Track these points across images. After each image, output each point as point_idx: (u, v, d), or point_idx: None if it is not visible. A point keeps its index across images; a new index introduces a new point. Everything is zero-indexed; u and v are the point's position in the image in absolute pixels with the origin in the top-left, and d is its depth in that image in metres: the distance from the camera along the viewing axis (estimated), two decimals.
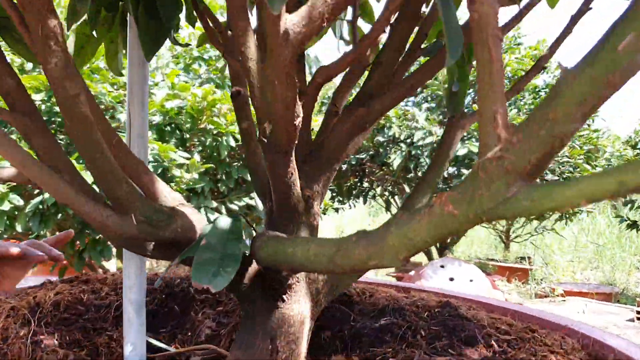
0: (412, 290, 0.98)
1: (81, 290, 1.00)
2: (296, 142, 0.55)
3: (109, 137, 0.56)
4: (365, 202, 4.29)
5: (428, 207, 0.37)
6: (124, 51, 0.83)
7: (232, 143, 2.47)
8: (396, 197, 4.08)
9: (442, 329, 0.74)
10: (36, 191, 2.22)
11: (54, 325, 0.87)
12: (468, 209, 0.34)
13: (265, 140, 0.55)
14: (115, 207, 0.56)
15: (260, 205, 2.66)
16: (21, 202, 2.27)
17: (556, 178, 3.54)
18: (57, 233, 1.25)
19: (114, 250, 2.49)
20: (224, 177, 2.59)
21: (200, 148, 2.52)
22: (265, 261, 0.56)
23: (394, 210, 4.31)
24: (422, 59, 1.08)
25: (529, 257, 5.10)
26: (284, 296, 0.64)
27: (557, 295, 3.47)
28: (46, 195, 2.16)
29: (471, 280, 3.20)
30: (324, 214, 3.23)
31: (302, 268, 0.51)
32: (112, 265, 3.54)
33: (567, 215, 4.67)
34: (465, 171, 3.42)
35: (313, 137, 0.72)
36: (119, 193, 0.55)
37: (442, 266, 3.30)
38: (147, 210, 0.57)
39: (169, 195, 0.63)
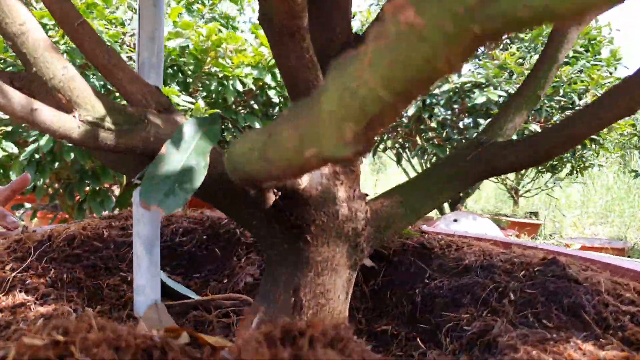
0: (515, 246, 0.80)
1: (108, 226, 0.87)
2: (304, 16, 0.41)
3: (68, 18, 0.44)
4: (374, 155, 4.13)
5: (376, 23, 0.20)
6: None
7: (239, 87, 2.31)
8: (407, 150, 3.93)
9: (540, 292, 0.58)
10: (31, 138, 2.09)
11: (59, 262, 0.75)
12: (441, 10, 0.17)
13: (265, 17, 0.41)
14: (58, 102, 0.43)
15: None
16: (15, 150, 2.14)
17: None
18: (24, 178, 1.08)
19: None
20: (230, 125, 2.44)
21: (204, 93, 2.36)
22: (228, 172, 0.41)
23: (405, 164, 4.16)
24: None
25: (537, 213, 5.01)
26: (308, 236, 0.49)
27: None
28: (42, 142, 2.02)
29: (485, 234, 3.10)
30: None
31: (242, 172, 0.35)
32: None
33: (578, 170, 4.54)
34: (482, 121, 3.25)
35: None
36: (54, 82, 0.42)
37: (455, 220, 3.19)
38: (100, 109, 0.44)
39: (150, 98, 0.50)
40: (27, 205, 2.51)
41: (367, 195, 0.57)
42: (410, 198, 0.58)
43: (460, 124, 3.40)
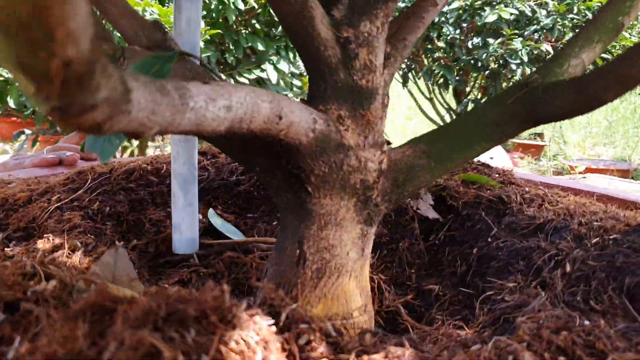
0: (614, 204, 0.70)
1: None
2: None
3: None
4: None
5: None
6: None
7: (241, 6, 2.18)
8: (413, 71, 3.81)
9: (603, 267, 0.49)
10: None
11: (110, 194, 0.75)
12: None
13: None
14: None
15: (274, 78, 2.43)
16: (11, 75, 2.06)
17: None
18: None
19: None
20: (231, 46, 2.33)
21: (204, 12, 2.23)
22: None
23: (411, 85, 4.05)
24: None
25: (540, 134, 4.98)
26: (309, 187, 0.45)
27: (578, 173, 3.38)
28: None
29: (491, 158, 3.08)
30: None
31: None
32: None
33: None
34: (492, 41, 3.13)
35: None
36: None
37: None
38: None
39: (142, 35, 0.47)
40: (28, 131, 2.44)
41: (388, 142, 0.51)
42: (437, 147, 0.51)
43: (469, 44, 3.27)
